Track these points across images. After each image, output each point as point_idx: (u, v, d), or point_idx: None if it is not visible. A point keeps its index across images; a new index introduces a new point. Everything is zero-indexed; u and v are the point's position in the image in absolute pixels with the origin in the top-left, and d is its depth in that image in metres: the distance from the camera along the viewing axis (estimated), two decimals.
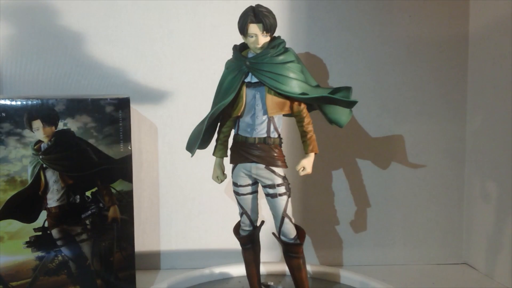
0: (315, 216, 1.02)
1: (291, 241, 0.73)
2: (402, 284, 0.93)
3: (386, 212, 1.03)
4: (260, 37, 0.69)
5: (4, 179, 0.82)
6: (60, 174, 0.84)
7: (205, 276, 0.89)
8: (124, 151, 0.87)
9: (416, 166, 1.02)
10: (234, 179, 0.74)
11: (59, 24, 0.96)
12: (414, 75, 1.01)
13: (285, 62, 0.70)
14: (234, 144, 0.74)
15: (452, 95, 1.02)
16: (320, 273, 0.90)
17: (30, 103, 0.82)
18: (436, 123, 1.02)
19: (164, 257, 1.02)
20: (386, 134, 1.01)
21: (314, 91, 0.71)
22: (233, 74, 0.71)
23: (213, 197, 1.00)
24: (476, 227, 1.01)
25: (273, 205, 0.72)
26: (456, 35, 1.01)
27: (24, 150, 0.82)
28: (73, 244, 0.86)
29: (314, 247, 1.03)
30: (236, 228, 0.78)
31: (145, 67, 0.98)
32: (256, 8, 0.69)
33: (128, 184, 0.87)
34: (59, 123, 0.83)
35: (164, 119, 0.99)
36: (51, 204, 0.84)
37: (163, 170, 1.00)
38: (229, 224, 0.80)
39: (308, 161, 0.71)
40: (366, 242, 1.03)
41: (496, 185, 0.95)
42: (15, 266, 0.83)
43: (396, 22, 0.99)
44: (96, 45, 0.97)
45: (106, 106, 0.85)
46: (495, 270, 0.95)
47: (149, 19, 0.97)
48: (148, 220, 1.01)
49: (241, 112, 0.71)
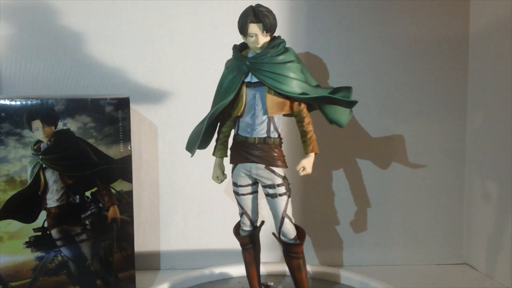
0: (315, 216, 1.02)
1: (291, 241, 0.73)
2: (402, 284, 0.93)
3: (386, 212, 1.03)
4: (260, 37, 0.69)
5: (3, 179, 0.82)
6: (60, 174, 0.84)
7: (205, 276, 0.89)
8: (124, 151, 0.86)
9: (416, 166, 1.02)
10: (234, 179, 0.74)
11: (59, 24, 0.96)
12: (414, 75, 1.01)
13: (285, 62, 0.70)
14: (234, 144, 0.73)
15: (452, 95, 1.02)
16: (320, 273, 0.90)
17: (30, 103, 0.82)
18: (436, 123, 1.02)
19: (164, 257, 1.01)
20: (386, 134, 1.01)
21: (314, 91, 0.71)
22: (233, 74, 0.71)
23: (213, 197, 1.00)
24: (476, 227, 1.01)
25: (273, 205, 0.72)
26: (456, 35, 1.00)
27: (24, 150, 0.82)
28: (73, 244, 0.86)
29: (314, 247, 1.02)
30: (236, 228, 0.78)
31: (145, 67, 0.98)
32: (256, 8, 0.69)
33: (128, 184, 0.87)
34: (59, 123, 0.83)
35: (164, 119, 0.99)
36: (50, 204, 0.84)
37: (163, 170, 1.00)
38: (229, 224, 0.80)
39: (308, 161, 0.71)
40: (366, 242, 1.03)
41: (497, 185, 0.94)
42: (14, 266, 0.83)
43: (396, 22, 0.99)
44: (96, 45, 0.97)
45: (106, 106, 0.85)
46: (495, 270, 0.95)
47: (149, 19, 0.97)
48: (148, 220, 1.01)
49: (241, 112, 0.71)
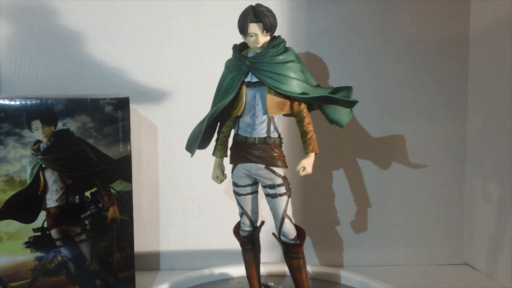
0: (315, 216, 1.02)
1: (291, 241, 0.73)
2: (403, 284, 0.93)
3: (386, 213, 1.03)
4: (260, 36, 0.69)
5: (3, 179, 0.82)
6: (59, 174, 0.84)
7: (205, 276, 0.89)
8: (123, 151, 0.86)
9: (417, 166, 1.02)
10: (234, 179, 0.74)
11: (58, 23, 0.96)
12: (415, 75, 1.00)
13: (285, 61, 0.69)
14: (234, 144, 0.73)
15: (453, 95, 1.01)
16: (320, 273, 0.90)
17: (29, 103, 0.82)
18: (437, 123, 1.02)
19: (163, 257, 1.01)
20: (386, 134, 1.01)
21: (314, 90, 0.70)
22: (233, 74, 0.71)
23: (213, 197, 1.00)
24: (477, 227, 1.00)
25: (273, 206, 0.72)
26: (457, 35, 1.00)
27: (23, 150, 0.82)
28: (72, 245, 0.85)
29: (315, 248, 1.02)
30: (236, 228, 0.78)
31: (144, 66, 0.98)
32: (256, 8, 0.69)
33: (127, 184, 0.87)
34: (58, 123, 0.83)
35: (164, 119, 0.99)
36: (50, 204, 0.84)
37: (163, 170, 1.00)
38: (229, 225, 0.80)
39: (308, 161, 0.71)
40: (367, 243, 1.03)
41: (497, 185, 0.94)
42: (14, 267, 0.83)
43: (397, 21, 0.99)
44: (96, 45, 0.97)
45: (105, 106, 0.85)
46: (496, 270, 0.95)
47: (149, 18, 0.97)
48: (147, 220, 1.00)
49: (241, 112, 0.71)
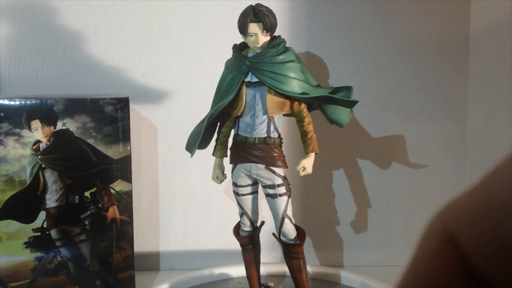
0: (316, 216, 1.02)
1: (291, 241, 0.73)
2: None
3: (387, 213, 1.02)
4: (260, 36, 0.69)
5: (2, 179, 0.81)
6: (59, 174, 0.84)
7: (205, 277, 0.89)
8: (123, 151, 0.86)
9: (417, 166, 1.02)
10: (234, 179, 0.74)
11: (58, 23, 0.96)
12: (415, 75, 1.00)
13: (285, 61, 0.69)
14: (234, 144, 0.73)
15: (453, 95, 1.01)
16: (320, 273, 0.90)
17: (29, 103, 0.82)
18: (437, 123, 1.01)
19: (163, 257, 1.01)
20: (386, 134, 1.01)
21: (314, 90, 0.70)
22: (233, 74, 0.71)
23: (213, 197, 1.00)
24: None
25: (273, 206, 0.72)
26: (457, 34, 1.00)
27: (23, 150, 0.82)
28: (72, 245, 0.85)
29: (315, 248, 1.02)
30: (236, 228, 0.77)
31: (144, 66, 0.98)
32: (256, 7, 0.69)
33: (127, 184, 0.87)
34: (58, 123, 0.83)
35: (164, 119, 0.99)
36: (50, 204, 0.84)
37: (163, 170, 1.00)
38: (229, 225, 0.80)
39: (309, 161, 0.71)
40: (367, 243, 1.03)
41: None
42: (14, 267, 0.83)
43: (397, 21, 0.99)
44: (95, 45, 0.97)
45: (105, 106, 0.85)
46: None
47: (148, 18, 0.97)
48: (147, 220, 1.00)
49: (241, 112, 0.71)
